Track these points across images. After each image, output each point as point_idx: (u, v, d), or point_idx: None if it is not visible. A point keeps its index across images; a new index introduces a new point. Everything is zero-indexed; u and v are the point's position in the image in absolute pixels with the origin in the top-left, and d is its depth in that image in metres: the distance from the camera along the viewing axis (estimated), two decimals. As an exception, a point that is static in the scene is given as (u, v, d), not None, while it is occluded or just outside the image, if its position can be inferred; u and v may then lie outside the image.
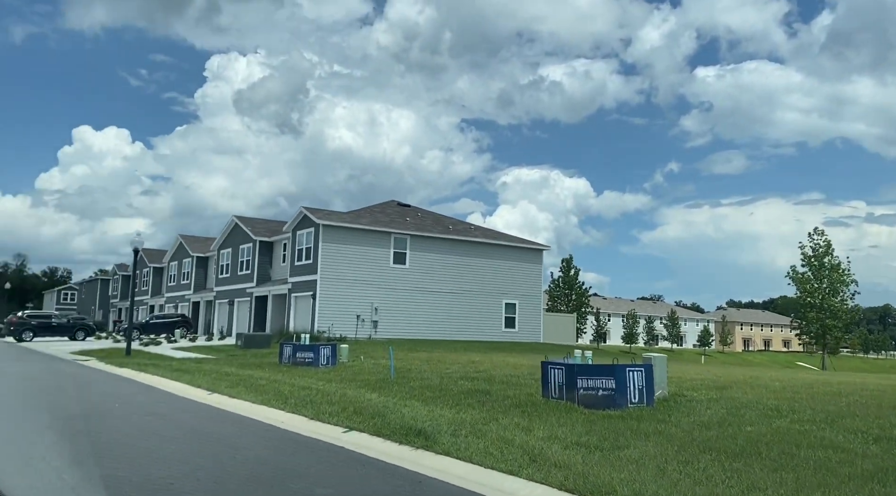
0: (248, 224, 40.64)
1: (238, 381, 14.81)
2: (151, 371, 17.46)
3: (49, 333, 36.56)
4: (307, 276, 33.10)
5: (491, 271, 37.26)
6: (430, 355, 24.66)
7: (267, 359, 22.44)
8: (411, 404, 11.08)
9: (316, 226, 32.71)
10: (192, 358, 22.86)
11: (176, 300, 51.17)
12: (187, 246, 49.57)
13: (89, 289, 79.76)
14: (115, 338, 38.54)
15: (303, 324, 32.87)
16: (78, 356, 23.96)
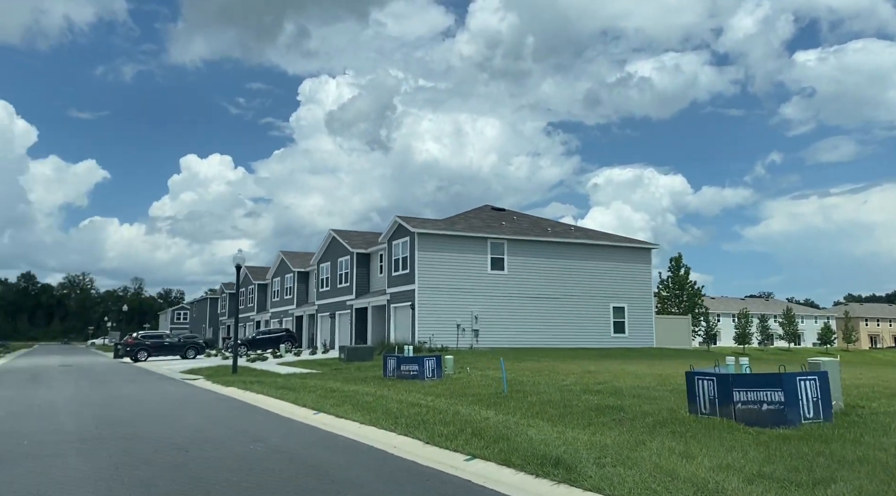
0: (345, 237, 40.63)
1: (344, 399, 14.00)
2: (256, 389, 17.02)
3: (162, 352, 37.75)
4: (405, 287, 32.45)
5: (595, 274, 35.34)
6: (539, 365, 23.25)
7: (371, 372, 21.74)
8: (536, 424, 9.78)
9: (411, 234, 32.02)
10: (297, 373, 22.50)
11: (280, 315, 52.12)
12: (288, 262, 50.41)
13: (200, 308, 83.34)
14: (223, 355, 39.36)
15: (403, 335, 32.22)
16: (187, 375, 24.16)
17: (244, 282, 62.68)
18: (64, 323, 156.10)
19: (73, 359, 40.32)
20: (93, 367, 30.75)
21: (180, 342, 39.29)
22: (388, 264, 34.38)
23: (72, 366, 32.22)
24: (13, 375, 24.72)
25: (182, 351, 38.22)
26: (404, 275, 32.59)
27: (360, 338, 37.45)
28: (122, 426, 10.76)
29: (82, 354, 54.37)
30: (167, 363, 33.39)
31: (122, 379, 22.56)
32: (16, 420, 11.51)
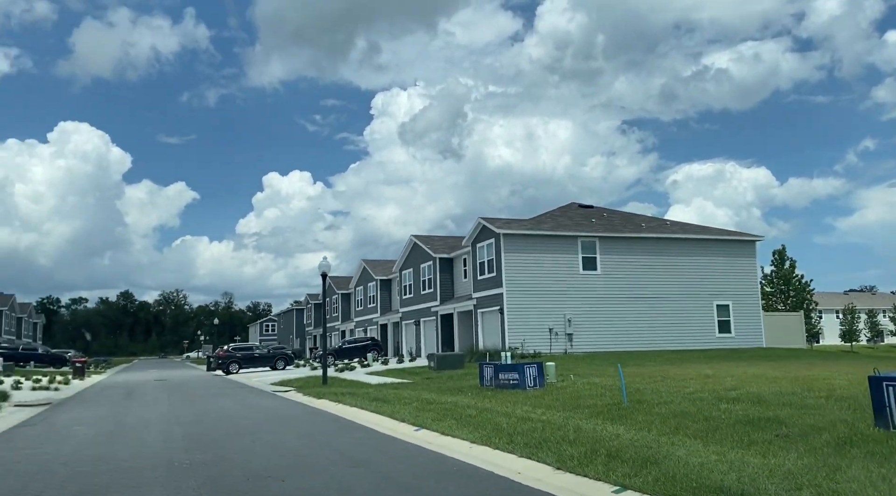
0: (427, 242, 39.75)
1: (444, 412, 12.81)
2: (349, 401, 16.09)
3: (252, 364, 37.88)
4: (492, 290, 31.12)
5: (696, 270, 32.93)
6: (646, 370, 21.40)
7: (465, 381, 20.51)
8: (682, 442, 8.23)
9: (496, 236, 30.69)
10: (388, 383, 21.56)
11: (364, 324, 51.85)
12: (370, 270, 50.11)
13: (286, 320, 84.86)
14: (311, 365, 39.19)
15: (492, 340, 30.89)
16: (277, 387, 23.67)
17: (328, 292, 63.01)
18: (161, 338, 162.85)
19: (168, 374, 41.14)
20: (186, 381, 30.95)
21: (269, 353, 39.38)
22: (473, 268, 33.17)
23: (166, 380, 32.61)
24: (110, 391, 24.94)
25: (272, 362, 38.28)
26: (491, 279, 31.27)
27: (447, 345, 36.38)
28: (213, 448, 9.91)
29: (177, 368, 55.90)
30: (257, 375, 33.34)
31: (213, 393, 22.25)
32: (103, 442, 10.90)
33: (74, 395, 23.12)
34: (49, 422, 14.54)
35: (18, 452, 10.12)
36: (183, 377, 35.86)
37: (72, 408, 17.78)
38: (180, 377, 35.83)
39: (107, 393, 24.04)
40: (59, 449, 10.27)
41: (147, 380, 32.41)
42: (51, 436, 11.90)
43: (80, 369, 36.86)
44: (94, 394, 23.31)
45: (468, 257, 35.68)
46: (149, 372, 46.26)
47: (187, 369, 51.50)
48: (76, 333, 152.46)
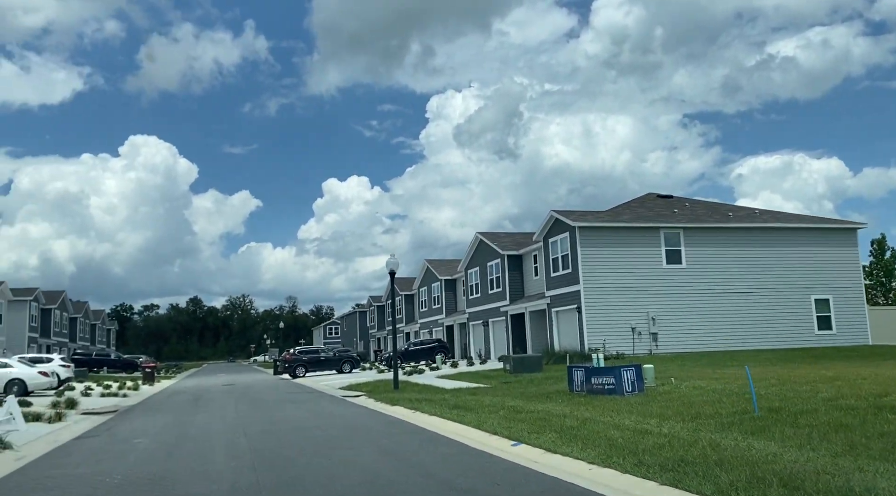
0: (494, 239, 38.15)
1: (539, 422, 11.21)
2: (427, 409, 14.65)
3: (319, 368, 37.11)
4: (567, 288, 29.26)
5: (791, 262, 30.24)
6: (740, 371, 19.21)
7: (548, 386, 18.82)
8: (872, 467, 6.40)
9: (571, 229, 28.82)
10: (464, 388, 20.07)
11: (429, 325, 50.64)
12: (434, 270, 48.88)
13: (349, 323, 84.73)
14: (378, 368, 38.16)
15: (569, 341, 29.03)
16: (347, 392, 22.52)
17: (391, 293, 62.22)
18: (228, 342, 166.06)
19: (236, 378, 40.84)
20: (253, 386, 30.28)
21: (336, 356, 38.55)
22: (546, 264, 31.37)
23: (234, 385, 32.06)
24: (177, 397, 24.33)
25: (338, 365, 37.43)
26: (566, 276, 29.43)
27: (519, 346, 34.68)
28: (284, 467, 8.59)
29: (245, 372, 56.01)
30: (324, 378, 32.44)
31: (281, 399, 21.25)
32: (163, 459, 9.75)
33: (141, 402, 22.54)
34: (112, 432, 13.64)
35: (73, 470, 9.07)
36: (250, 381, 35.36)
37: (137, 417, 16.98)
38: (247, 382, 35.34)
39: (174, 399, 23.40)
40: (115, 466, 9.16)
41: (214, 385, 31.93)
42: (109, 451, 10.88)
43: (149, 374, 36.85)
44: (161, 401, 22.68)
45: (539, 253, 33.91)
46: (217, 376, 46.26)
47: (254, 373, 51.43)
48: (149, 339, 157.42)
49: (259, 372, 55.55)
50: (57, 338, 57.08)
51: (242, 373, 50.79)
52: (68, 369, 30.80)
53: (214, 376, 46.47)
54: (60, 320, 58.71)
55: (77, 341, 64.47)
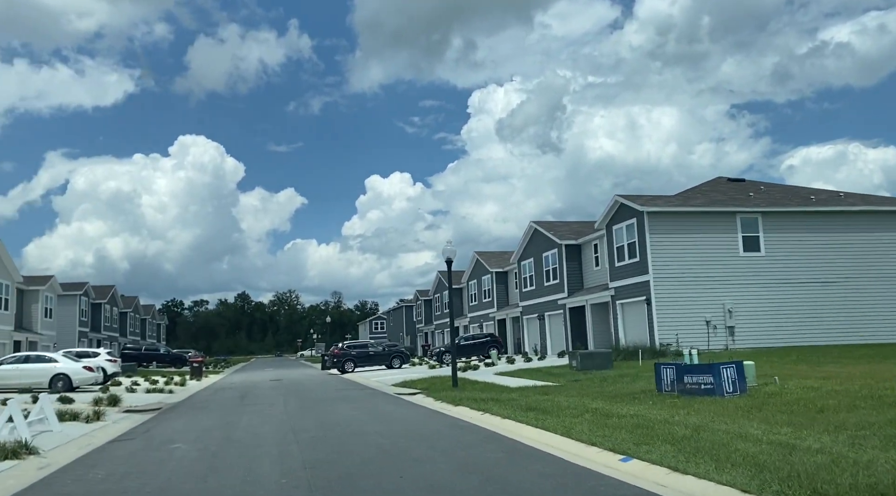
0: (550, 228, 36.17)
1: (639, 429, 9.41)
2: (497, 410, 12.95)
3: (368, 363, 35.80)
4: (635, 278, 27.16)
5: (882, 248, 27.55)
6: (852, 369, 16.98)
7: (627, 384, 16.92)
8: None
9: (638, 215, 26.70)
10: (530, 386, 18.29)
11: (479, 320, 48.93)
12: (484, 262, 47.12)
13: (396, 317, 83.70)
14: (428, 363, 36.65)
15: (636, 335, 26.94)
16: (401, 389, 20.99)
17: (438, 287, 60.91)
18: (276, 337, 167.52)
19: (284, 373, 39.88)
20: (302, 382, 29.07)
21: (385, 351, 37.17)
22: (609, 253, 29.30)
23: (282, 380, 30.94)
24: (223, 394, 23.18)
25: (387, 360, 36.04)
26: (633, 265, 27.32)
27: (579, 341, 32.70)
28: (346, 487, 6.99)
29: (292, 367, 55.27)
30: (374, 374, 31.06)
31: (333, 396, 19.83)
32: (203, 472, 8.26)
33: (186, 399, 21.42)
34: (150, 435, 12.33)
35: (96, 485, 7.65)
36: (298, 377, 34.24)
37: (179, 416, 15.72)
38: (296, 377, 34.23)
39: (220, 396, 22.25)
40: (146, 481, 7.71)
41: (262, 381, 30.87)
42: (143, 459, 9.48)
43: (197, 369, 36.10)
44: (207, 398, 21.53)
45: (600, 242, 31.87)
46: (264, 371, 45.46)
47: (302, 368, 50.56)
48: (198, 334, 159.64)
49: (306, 367, 54.74)
50: (107, 332, 57.28)
51: (290, 368, 49.98)
52: (115, 364, 30.11)
53: (262, 371, 45.70)
54: (111, 315, 58.94)
55: (127, 336, 64.81)
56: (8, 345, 35.35)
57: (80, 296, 49.25)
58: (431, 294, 62.80)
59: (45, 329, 41.75)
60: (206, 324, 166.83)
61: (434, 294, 62.04)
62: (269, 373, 41.33)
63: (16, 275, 36.80)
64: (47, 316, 42.48)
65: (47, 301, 42.47)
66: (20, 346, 37.37)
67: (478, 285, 49.53)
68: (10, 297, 36.18)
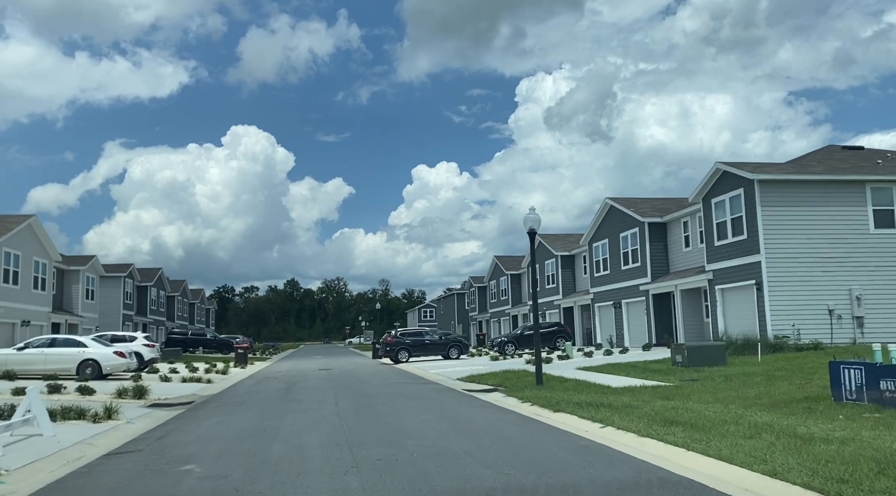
0: (629, 205, 32.29)
1: (871, 463, 5.88)
2: (618, 422, 9.55)
3: (423, 352, 32.73)
4: (740, 259, 23.21)
5: None
6: None
7: (767, 387, 13.25)
8: None
9: (746, 184, 22.70)
10: (637, 386, 14.74)
11: (542, 307, 45.29)
12: (548, 245, 43.41)
13: (447, 305, 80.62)
14: (490, 354, 33.37)
15: (742, 325, 23.01)
16: (471, 385, 17.73)
17: (493, 273, 57.62)
18: (324, 324, 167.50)
19: (333, 362, 37.17)
20: (353, 372, 26.13)
21: (442, 340, 34.01)
22: (707, 231, 25.35)
23: (331, 370, 28.09)
24: (266, 385, 20.33)
25: (444, 350, 32.90)
26: (739, 244, 23.36)
27: (665, 331, 28.90)
28: None
29: (341, 355, 52.76)
30: (430, 364, 27.94)
31: (391, 391, 16.70)
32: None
33: (225, 391, 18.61)
34: (162, 444, 9.33)
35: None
36: (349, 366, 31.41)
37: (209, 415, 12.77)
38: (345, 366, 31.41)
39: (262, 388, 19.39)
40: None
41: (310, 370, 28.09)
42: (136, 488, 6.42)
43: (241, 356, 33.65)
44: (247, 390, 18.68)
45: (690, 220, 27.96)
46: (313, 359, 42.95)
47: (351, 356, 47.92)
48: (248, 320, 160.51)
49: (356, 355, 52.13)
50: (153, 316, 55.84)
51: (339, 356, 47.40)
52: (153, 349, 27.74)
53: (310, 359, 43.21)
54: (157, 298, 57.51)
55: (175, 320, 63.42)
56: (46, 327, 33.56)
57: (124, 279, 47.56)
58: (486, 280, 59.35)
59: (86, 311, 40.01)
60: (256, 310, 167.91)
61: (489, 280, 58.58)
62: (317, 361, 38.72)
63: (53, 253, 34.91)
64: (89, 297, 40.73)
65: (89, 282, 40.69)
66: (59, 329, 35.59)
67: (540, 270, 45.89)
68: (46, 277, 34.01)
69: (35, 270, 32.55)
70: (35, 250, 32.66)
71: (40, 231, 32.96)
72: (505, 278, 54.04)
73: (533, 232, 16.11)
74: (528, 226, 16.10)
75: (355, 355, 50.85)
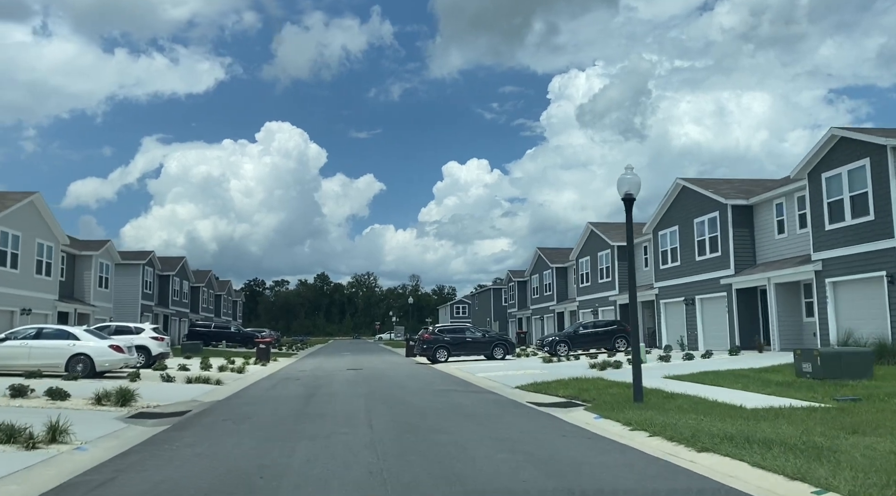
0: (707, 186, 28.06)
1: None
2: (824, 476, 5.64)
3: (463, 351, 29.06)
4: (864, 245, 18.96)
5: None
6: None
7: None
8: None
9: (874, 152, 18.42)
10: (772, 407, 10.74)
11: (591, 304, 41.25)
12: (602, 234, 39.35)
13: (482, 301, 76.70)
14: (539, 355, 29.50)
15: (858, 326, 18.75)
16: (534, 396, 13.97)
17: (536, 266, 53.76)
18: (354, 319, 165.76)
19: (363, 360, 33.69)
20: (387, 374, 22.52)
21: (485, 338, 30.30)
22: (813, 213, 21.09)
23: (362, 370, 24.54)
24: (284, 390, 16.77)
25: (487, 349, 29.21)
26: (859, 227, 19.11)
27: (753, 332, 24.71)
28: None
29: (372, 352, 49.33)
30: (475, 366, 24.23)
31: (439, 405, 12.96)
32: None
33: (230, 397, 15.10)
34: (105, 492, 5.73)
35: None
36: (381, 366, 27.85)
37: (194, 439, 9.13)
38: (378, 366, 27.85)
39: (277, 393, 15.84)
40: None
41: (337, 370, 24.58)
42: None
43: (263, 351, 30.41)
44: (259, 397, 15.14)
45: (786, 201, 23.73)
46: (341, 356, 39.56)
47: (383, 353, 44.41)
48: (278, 313, 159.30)
49: (387, 352, 48.63)
50: (176, 307, 53.06)
51: (369, 354, 43.95)
52: (162, 343, 24.45)
53: (339, 356, 39.83)
54: (180, 289, 54.77)
55: (199, 312, 60.63)
56: (51, 316, 30.38)
57: (143, 266, 44.62)
58: (527, 274, 55.31)
59: (99, 300, 37.07)
60: (285, 303, 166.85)
61: (530, 274, 54.55)
62: (346, 359, 35.31)
63: (61, 236, 31.35)
64: (102, 285, 37.77)
65: (102, 269, 37.73)
66: (67, 318, 32.67)
67: (591, 263, 41.81)
68: (52, 261, 30.68)
69: (38, 253, 29.54)
70: (39, 231, 29.68)
71: (45, 210, 29.96)
72: (549, 272, 50.10)
73: (630, 198, 12.19)
74: (623, 189, 12.19)
75: (387, 352, 47.37)
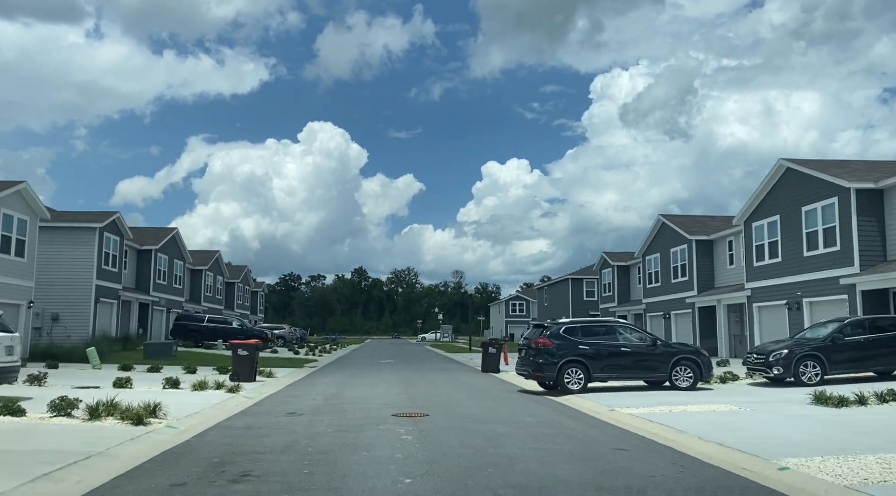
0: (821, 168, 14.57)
1: None
2: None
3: (615, 372, 15.54)
4: None
5: None
6: None
7: None
8: None
9: None
10: None
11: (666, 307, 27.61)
12: (677, 227, 32.09)
13: (555, 294, 61.44)
14: (753, 379, 15.09)
15: None
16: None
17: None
18: (392, 316, 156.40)
19: (419, 384, 19.87)
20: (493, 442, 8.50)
21: (657, 350, 15.77)
22: None
23: (425, 418, 10.67)
24: None
25: (663, 370, 15.49)
26: None
27: None
28: None
29: (420, 360, 35.48)
30: (653, 406, 10.13)
31: None
32: None
33: None
34: None
35: None
36: (453, 397, 14.07)
37: None
38: (448, 398, 14.08)
39: None
40: None
41: (373, 411, 10.76)
42: None
43: (245, 363, 17.66)
44: None
45: None
46: (378, 368, 25.94)
47: (441, 365, 30.30)
48: (314, 310, 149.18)
49: (444, 360, 34.57)
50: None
51: (421, 365, 29.97)
52: None
53: (375, 369, 26.17)
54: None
55: (202, 303, 47.53)
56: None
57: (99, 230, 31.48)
58: (638, 254, 39.68)
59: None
60: (321, 299, 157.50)
61: (644, 254, 38.93)
62: (386, 374, 21.71)
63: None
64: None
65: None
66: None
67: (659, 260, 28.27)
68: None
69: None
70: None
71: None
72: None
73: None
74: None
75: (443, 361, 33.32)
